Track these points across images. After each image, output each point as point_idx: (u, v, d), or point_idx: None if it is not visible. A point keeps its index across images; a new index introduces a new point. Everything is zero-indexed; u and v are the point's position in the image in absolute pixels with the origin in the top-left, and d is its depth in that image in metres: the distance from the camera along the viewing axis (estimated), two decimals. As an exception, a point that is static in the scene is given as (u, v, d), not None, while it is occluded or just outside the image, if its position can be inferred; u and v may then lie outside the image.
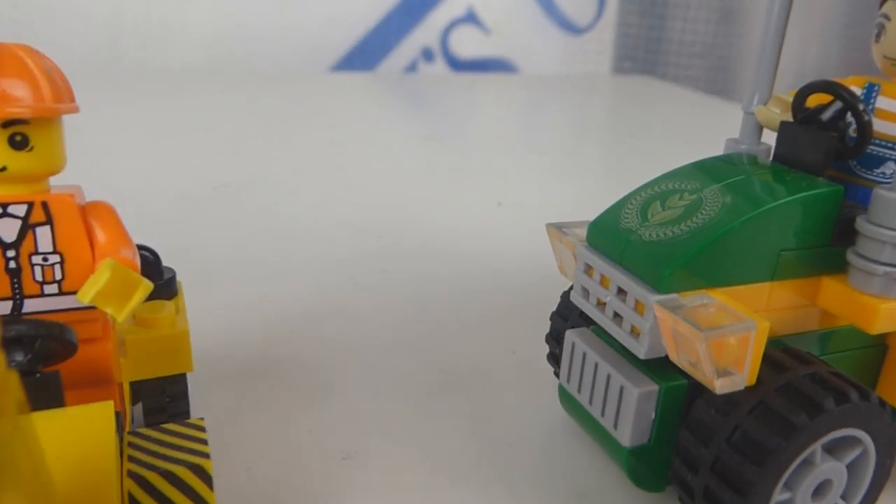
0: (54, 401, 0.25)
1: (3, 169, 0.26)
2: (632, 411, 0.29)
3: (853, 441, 0.29)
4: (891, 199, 0.28)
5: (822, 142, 0.31)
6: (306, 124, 1.11)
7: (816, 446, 0.27)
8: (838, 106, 0.31)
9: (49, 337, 0.25)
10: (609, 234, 0.32)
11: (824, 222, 0.30)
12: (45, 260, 0.27)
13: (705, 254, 0.28)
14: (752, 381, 0.28)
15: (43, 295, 0.27)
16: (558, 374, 0.39)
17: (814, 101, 0.32)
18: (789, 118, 0.33)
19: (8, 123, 0.25)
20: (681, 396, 0.30)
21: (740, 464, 0.27)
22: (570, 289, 0.35)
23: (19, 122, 0.25)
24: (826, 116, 0.31)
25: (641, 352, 0.29)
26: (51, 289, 0.27)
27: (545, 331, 0.40)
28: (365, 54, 1.60)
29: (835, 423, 0.27)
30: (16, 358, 0.25)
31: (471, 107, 1.39)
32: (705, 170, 0.33)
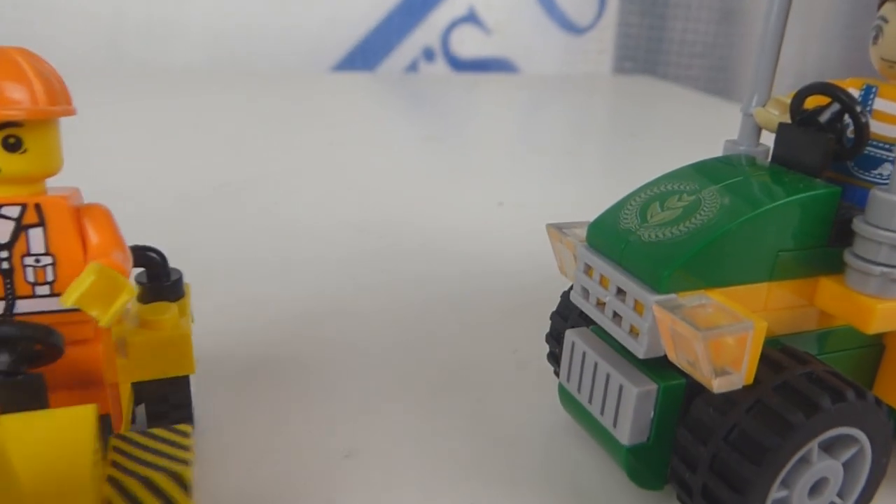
0: (37, 402, 0.25)
1: None
2: (631, 410, 0.30)
3: (849, 439, 0.29)
4: (887, 200, 0.29)
5: (819, 143, 0.31)
6: (307, 124, 1.11)
7: (813, 445, 0.28)
8: (836, 108, 0.31)
9: (32, 339, 0.25)
10: (609, 235, 0.32)
11: (822, 223, 0.30)
12: (37, 261, 0.27)
13: (704, 254, 0.29)
14: (750, 380, 0.28)
15: (34, 296, 0.27)
16: (558, 374, 0.39)
17: (812, 102, 0.32)
18: (787, 120, 0.34)
19: (1, 126, 0.25)
20: (679, 395, 0.30)
21: (738, 462, 0.27)
22: (571, 289, 0.36)
23: (13, 124, 0.26)
24: (824, 118, 0.31)
25: (640, 351, 0.29)
26: (42, 290, 0.27)
27: (545, 330, 0.41)
28: (366, 54, 1.60)
29: (831, 422, 0.27)
30: None
31: (472, 107, 1.40)
32: (704, 171, 0.33)
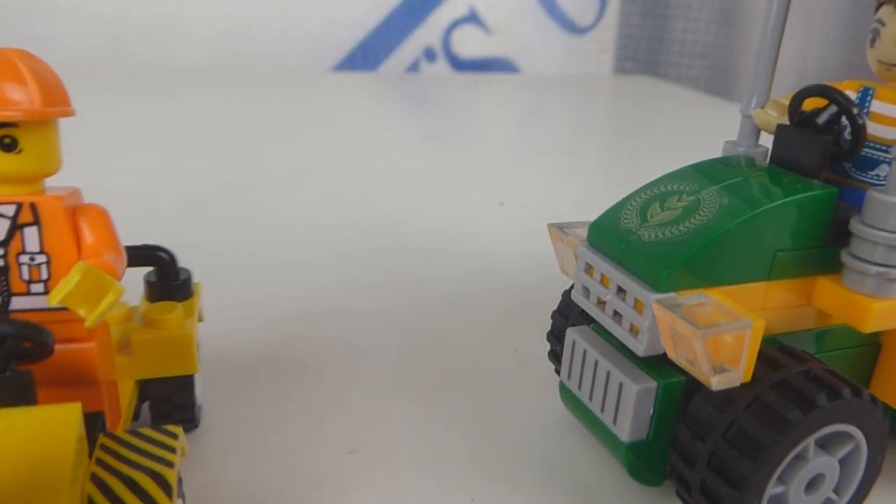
0: (25, 399, 0.25)
1: None
2: (631, 407, 0.30)
3: (845, 437, 0.29)
4: (884, 200, 0.29)
5: (817, 145, 0.32)
6: (308, 124, 1.12)
7: (809, 441, 0.28)
8: (833, 110, 0.32)
9: (20, 337, 0.25)
10: (609, 235, 0.32)
11: (819, 224, 0.31)
12: (31, 260, 0.27)
13: (703, 254, 0.29)
14: (748, 377, 0.28)
15: (29, 293, 0.27)
16: (559, 372, 0.39)
17: (810, 104, 0.33)
18: (786, 121, 0.34)
19: None
20: (678, 393, 0.30)
21: (735, 458, 0.28)
22: (571, 288, 0.36)
23: (8, 125, 0.26)
24: (821, 120, 0.32)
25: (640, 349, 0.30)
26: (37, 288, 0.27)
27: (546, 329, 0.41)
28: (367, 54, 1.61)
29: (827, 419, 0.28)
30: None
31: (473, 107, 1.40)
32: (703, 172, 0.34)
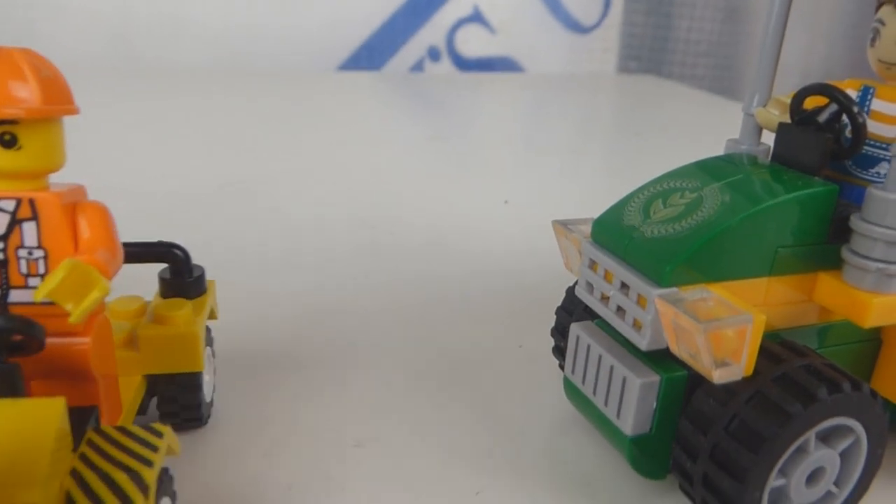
0: (13, 391, 0.25)
1: None
2: (634, 401, 0.31)
3: (846, 430, 0.30)
4: (884, 197, 0.29)
5: (818, 143, 0.32)
6: (313, 123, 1.12)
7: (810, 434, 0.29)
8: (834, 108, 0.32)
9: (10, 330, 0.25)
10: (613, 231, 0.33)
11: (820, 220, 0.31)
12: (29, 254, 0.28)
13: (705, 250, 0.30)
14: (749, 371, 0.29)
15: (27, 287, 0.28)
16: (563, 367, 0.40)
17: (811, 103, 0.33)
18: (787, 120, 0.35)
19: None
20: (681, 387, 0.31)
21: (737, 451, 0.28)
22: (575, 284, 0.37)
23: (8, 122, 0.26)
24: (822, 118, 0.32)
25: (643, 344, 0.30)
26: (34, 282, 0.28)
27: (550, 325, 0.42)
28: (371, 54, 1.61)
29: (828, 412, 0.28)
30: None
31: (477, 106, 1.40)
32: (706, 169, 0.34)
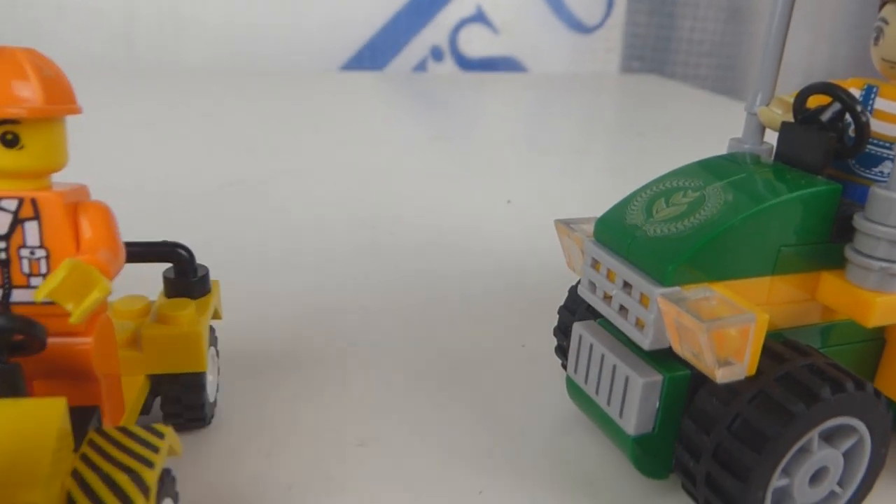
0: (14, 391, 0.25)
1: None
2: (636, 400, 0.31)
3: (849, 430, 0.30)
4: (887, 197, 0.29)
5: (821, 142, 0.32)
6: (316, 123, 1.12)
7: (813, 434, 0.28)
8: (837, 107, 0.32)
9: (11, 330, 0.25)
10: (615, 230, 0.33)
11: (823, 219, 0.31)
12: (31, 253, 0.28)
13: (708, 249, 0.29)
14: (752, 371, 0.29)
15: (29, 286, 0.28)
16: (566, 367, 0.40)
17: (814, 102, 0.33)
18: (790, 119, 0.34)
19: (1, 123, 0.26)
20: (684, 386, 0.31)
21: (740, 450, 0.28)
22: (578, 284, 0.37)
23: (11, 121, 0.26)
24: (825, 117, 0.32)
25: (646, 343, 0.30)
26: (36, 281, 0.28)
27: (553, 324, 0.42)
28: (374, 53, 1.61)
29: (831, 412, 0.28)
30: None
31: (480, 106, 1.40)
32: (709, 168, 0.34)
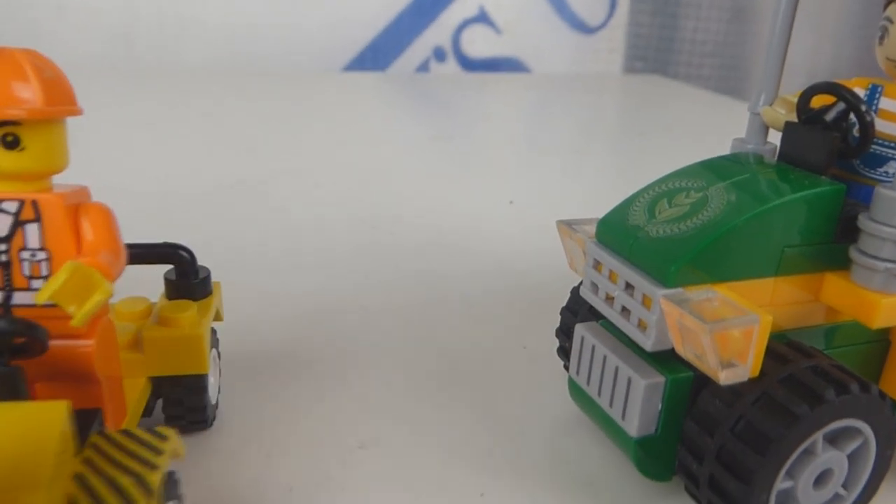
0: (15, 394, 0.25)
1: None
2: (639, 402, 0.30)
3: (854, 432, 0.29)
4: (892, 197, 0.29)
5: (825, 142, 0.32)
6: (319, 124, 1.12)
7: (818, 436, 0.28)
8: (841, 107, 0.32)
9: (13, 333, 0.25)
10: (618, 231, 0.33)
11: (827, 220, 0.31)
12: (32, 256, 0.28)
13: (710, 250, 0.29)
14: (756, 372, 0.28)
15: (30, 289, 0.28)
16: (568, 368, 0.40)
17: (818, 101, 0.33)
18: (794, 119, 0.34)
19: (1, 124, 0.26)
20: (686, 388, 0.30)
21: (743, 452, 0.28)
22: (580, 284, 0.36)
23: (11, 123, 0.26)
24: (829, 117, 0.32)
25: (648, 344, 0.30)
26: (37, 284, 0.28)
27: (555, 326, 0.41)
28: (377, 54, 1.61)
29: (835, 414, 0.28)
30: None
31: (482, 106, 1.40)
32: (711, 168, 0.34)
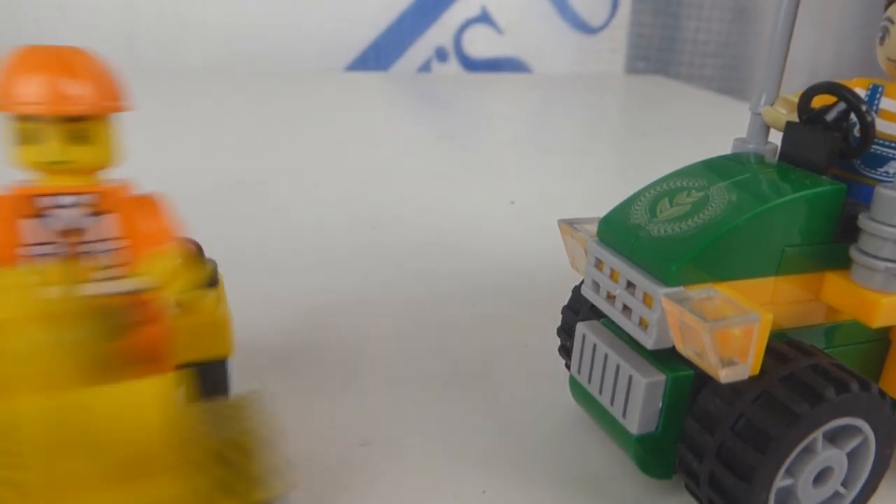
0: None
1: (67, 162, 0.28)
2: (640, 400, 0.30)
3: (854, 430, 0.30)
4: (892, 197, 0.29)
5: (826, 141, 0.32)
6: (321, 123, 1.12)
7: (817, 434, 0.28)
8: (842, 107, 0.32)
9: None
10: (619, 230, 0.33)
11: (827, 219, 0.31)
12: (106, 245, 0.29)
13: (711, 249, 0.29)
14: (756, 371, 0.29)
15: (105, 279, 0.29)
16: (569, 366, 0.40)
17: (819, 101, 0.33)
18: (795, 118, 0.34)
19: (70, 120, 0.28)
20: (687, 386, 0.31)
21: (743, 450, 0.28)
22: (581, 283, 0.36)
23: (80, 118, 0.28)
24: (830, 117, 0.32)
25: (649, 343, 0.30)
26: (111, 273, 0.30)
27: (556, 325, 0.41)
28: (379, 54, 1.61)
29: (835, 412, 0.28)
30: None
31: (484, 106, 1.40)
32: (712, 168, 0.34)
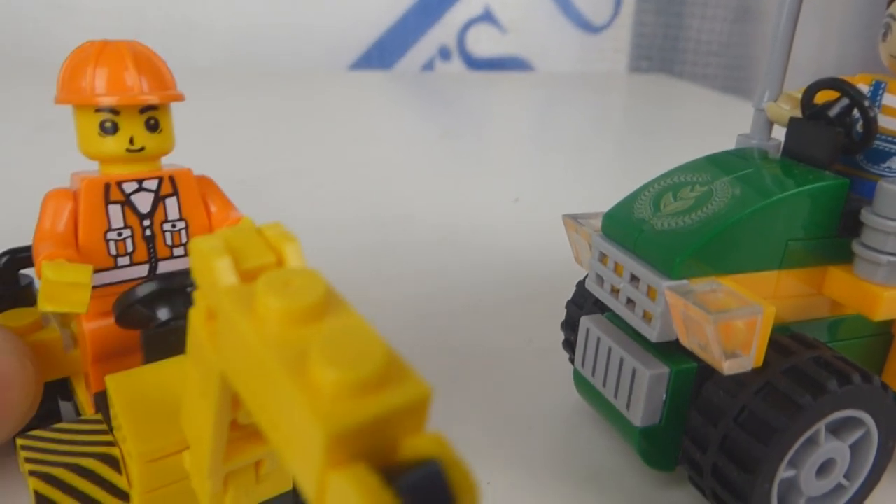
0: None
1: (142, 149, 0.30)
2: (643, 393, 0.31)
3: (856, 422, 0.30)
4: (895, 191, 0.30)
5: (828, 137, 0.32)
6: (325, 122, 1.13)
7: (820, 426, 0.29)
8: (845, 102, 0.32)
9: (187, 287, 0.28)
10: (623, 224, 0.33)
11: (830, 214, 0.31)
12: (173, 226, 0.31)
13: (715, 242, 0.30)
14: (759, 363, 0.29)
15: (172, 257, 0.31)
16: (573, 361, 0.40)
17: (822, 97, 0.33)
18: (798, 114, 0.35)
19: (144, 110, 0.30)
20: (690, 378, 0.31)
21: (747, 442, 0.28)
22: (585, 278, 0.37)
23: (152, 108, 0.30)
24: (833, 113, 0.32)
25: (653, 335, 0.31)
26: (178, 251, 0.31)
27: (560, 320, 0.42)
28: (383, 53, 1.62)
29: (838, 404, 0.28)
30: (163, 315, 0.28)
31: (487, 105, 1.41)
32: (716, 163, 0.34)
